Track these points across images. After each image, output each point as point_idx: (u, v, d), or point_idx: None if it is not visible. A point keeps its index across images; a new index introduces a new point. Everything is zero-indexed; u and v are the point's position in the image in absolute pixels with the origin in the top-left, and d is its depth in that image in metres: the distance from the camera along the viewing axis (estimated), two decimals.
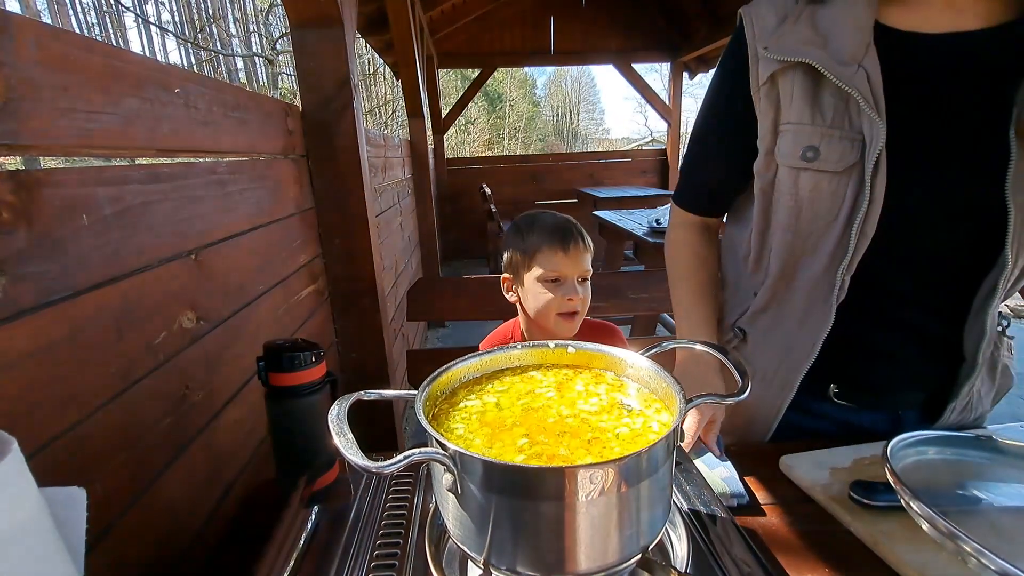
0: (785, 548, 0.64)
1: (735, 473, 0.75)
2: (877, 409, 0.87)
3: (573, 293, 0.97)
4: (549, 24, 6.25)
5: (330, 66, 1.42)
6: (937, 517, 0.52)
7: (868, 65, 0.66)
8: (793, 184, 0.74)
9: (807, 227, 0.76)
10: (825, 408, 0.88)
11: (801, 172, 0.73)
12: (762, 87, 0.74)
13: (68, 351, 0.58)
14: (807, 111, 0.71)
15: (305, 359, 0.72)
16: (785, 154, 0.74)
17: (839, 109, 0.70)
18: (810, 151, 0.71)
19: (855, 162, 0.69)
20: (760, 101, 0.75)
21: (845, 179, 0.71)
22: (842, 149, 0.70)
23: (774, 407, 0.87)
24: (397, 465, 0.37)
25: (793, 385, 0.84)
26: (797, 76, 0.71)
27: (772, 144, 0.76)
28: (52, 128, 0.60)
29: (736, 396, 0.46)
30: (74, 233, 0.61)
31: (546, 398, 0.51)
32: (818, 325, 0.79)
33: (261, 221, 1.14)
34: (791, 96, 0.72)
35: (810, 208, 0.75)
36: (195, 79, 0.91)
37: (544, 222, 1.01)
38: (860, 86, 0.65)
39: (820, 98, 0.71)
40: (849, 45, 0.67)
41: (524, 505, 0.38)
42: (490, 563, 0.41)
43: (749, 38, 0.75)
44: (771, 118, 0.75)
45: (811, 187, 0.73)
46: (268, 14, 9.41)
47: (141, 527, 0.68)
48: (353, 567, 0.51)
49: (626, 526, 0.40)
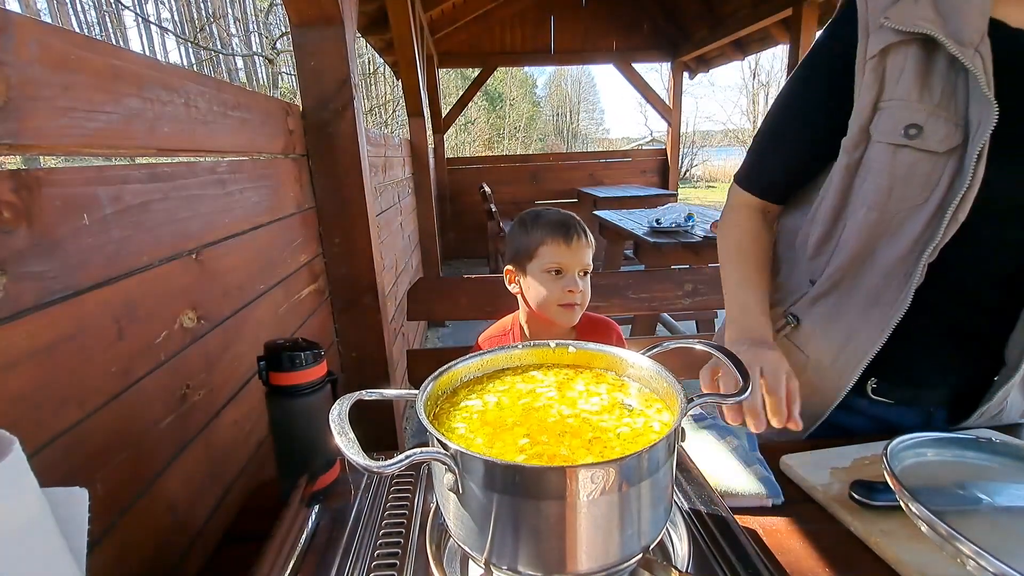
0: (785, 548, 0.64)
1: (771, 473, 0.74)
2: (911, 405, 0.87)
3: (574, 285, 1.00)
4: (549, 23, 6.24)
5: (330, 65, 1.42)
6: (935, 519, 0.52)
7: (983, 52, 0.66)
8: (889, 161, 0.73)
9: (895, 206, 0.75)
10: (861, 404, 0.87)
11: (900, 149, 0.72)
12: (869, 61, 0.72)
13: (69, 351, 0.58)
14: (915, 88, 0.70)
15: (305, 358, 0.72)
16: (884, 130, 0.73)
17: (947, 91, 0.69)
18: (913, 128, 0.70)
19: (957, 144, 0.69)
20: (864, 75, 0.73)
21: (943, 161, 0.70)
22: (947, 130, 0.69)
23: (829, 397, 0.86)
24: (398, 465, 0.37)
25: (853, 373, 0.83)
26: (911, 52, 0.70)
27: (869, 120, 0.74)
28: (52, 127, 0.60)
29: (738, 396, 0.46)
30: (75, 232, 0.61)
31: (547, 398, 0.51)
32: (891, 310, 0.78)
33: (261, 221, 1.14)
34: (900, 72, 0.71)
35: (903, 187, 0.73)
36: (195, 78, 0.91)
37: (548, 217, 1.05)
38: (976, 65, 0.65)
39: (930, 77, 0.70)
40: (967, 30, 0.66)
41: (525, 504, 0.38)
42: (491, 562, 0.41)
43: (861, 11, 0.74)
44: (873, 94, 0.73)
45: (908, 165, 0.72)
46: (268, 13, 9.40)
47: (142, 526, 0.68)
48: (354, 567, 0.51)
49: (627, 526, 0.40)
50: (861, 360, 0.82)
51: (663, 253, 2.94)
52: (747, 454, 0.77)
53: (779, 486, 0.72)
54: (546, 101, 26.06)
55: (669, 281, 1.65)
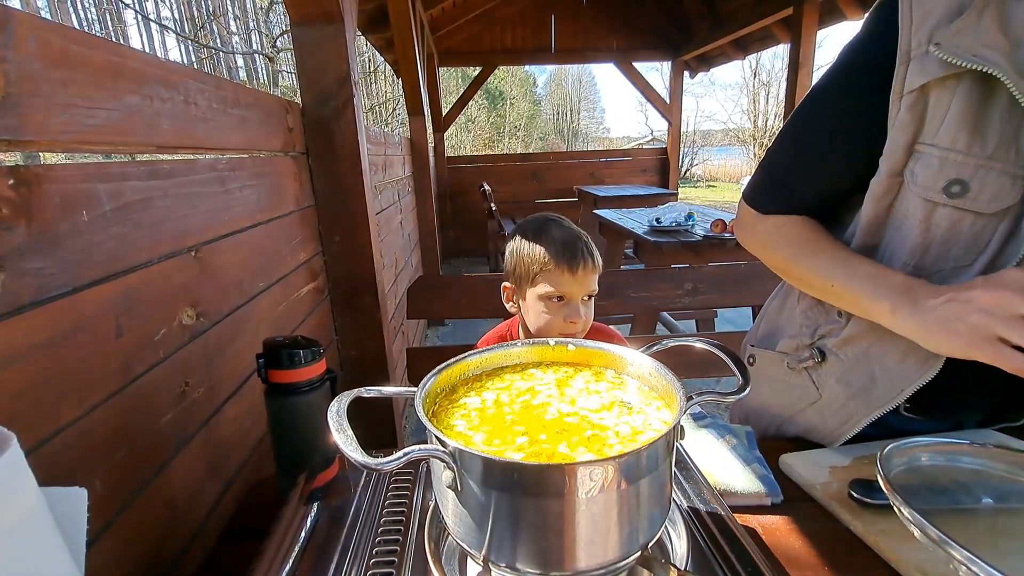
0: (785, 546, 0.64)
1: (770, 471, 0.74)
2: (942, 423, 0.80)
3: (576, 316, 0.91)
4: (550, 22, 6.24)
5: (330, 63, 1.42)
6: (925, 523, 0.52)
7: None
8: (925, 219, 0.62)
9: (933, 266, 0.64)
10: (891, 420, 0.78)
11: (939, 207, 0.61)
12: (907, 95, 0.60)
13: (68, 347, 0.58)
14: (963, 135, 0.58)
15: (304, 356, 0.72)
16: (922, 183, 0.61)
17: (1007, 135, 0.57)
18: (956, 185, 0.59)
19: (1013, 203, 0.57)
20: (900, 112, 0.61)
21: (994, 222, 0.59)
22: (999, 187, 0.57)
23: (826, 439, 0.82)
24: (397, 462, 0.37)
25: (856, 427, 0.76)
26: (962, 88, 0.57)
27: (902, 165, 0.63)
28: (52, 124, 0.60)
29: (736, 394, 0.46)
30: (74, 229, 0.61)
31: (546, 395, 0.51)
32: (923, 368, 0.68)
33: (261, 218, 1.14)
34: (945, 113, 0.58)
35: (941, 247, 0.63)
36: (195, 75, 0.91)
37: (551, 235, 0.93)
38: None
39: (986, 120, 0.57)
40: None
41: (524, 502, 0.38)
42: (490, 560, 0.41)
43: (904, 25, 0.60)
44: (909, 135, 0.61)
45: (948, 225, 0.61)
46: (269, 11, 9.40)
47: (141, 523, 0.68)
48: (352, 564, 0.51)
49: (626, 523, 0.40)
50: (869, 415, 0.75)
51: (663, 252, 2.94)
52: (746, 452, 0.77)
53: (778, 485, 0.72)
54: (546, 100, 26.06)
55: (669, 280, 1.65)
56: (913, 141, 0.62)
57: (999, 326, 0.51)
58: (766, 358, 0.90)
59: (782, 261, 0.79)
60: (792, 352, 0.85)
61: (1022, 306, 0.50)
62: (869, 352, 0.75)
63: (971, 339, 0.54)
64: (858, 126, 0.67)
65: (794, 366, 0.84)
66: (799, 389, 0.84)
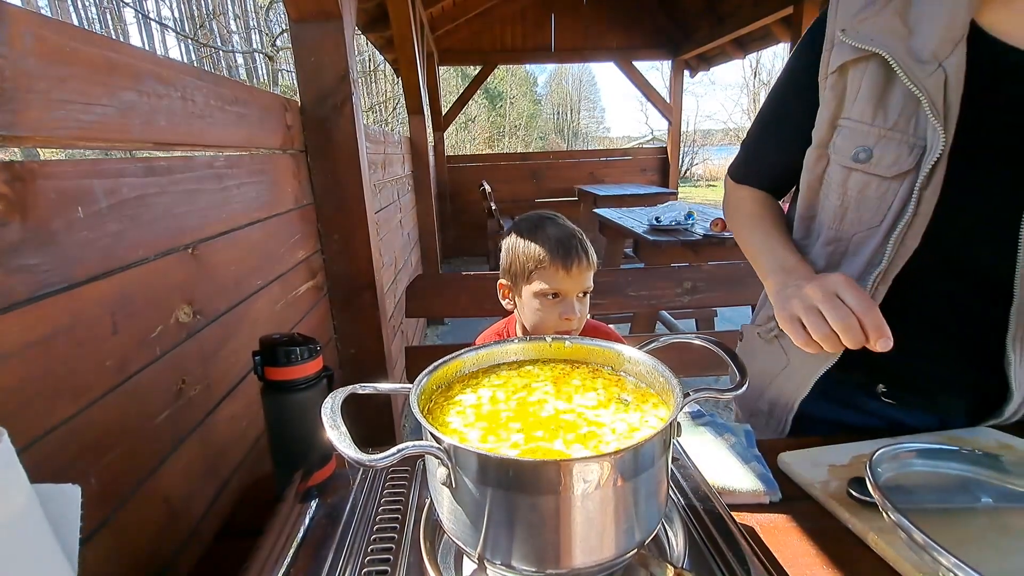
0: (783, 544, 0.64)
1: (768, 470, 0.74)
2: (925, 411, 0.84)
3: (571, 313, 0.92)
4: (550, 21, 6.23)
5: (329, 61, 1.42)
6: (912, 527, 0.51)
7: (950, 65, 0.61)
8: (842, 184, 0.72)
9: (850, 229, 0.74)
10: (873, 406, 0.86)
11: (852, 172, 0.71)
12: (830, 76, 0.71)
13: (63, 344, 0.58)
14: (870, 109, 0.68)
15: (301, 353, 0.72)
16: (840, 151, 0.72)
17: (907, 110, 0.65)
18: (863, 152, 0.69)
19: (909, 169, 0.66)
20: (825, 91, 0.72)
21: (896, 185, 0.68)
22: (897, 153, 0.66)
23: (794, 393, 0.88)
24: (390, 458, 0.37)
25: (808, 383, 0.84)
26: (869, 69, 0.67)
27: (828, 138, 0.74)
28: (48, 120, 0.59)
29: (734, 391, 0.46)
30: (69, 225, 0.61)
31: (543, 392, 0.50)
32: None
33: (259, 216, 1.13)
34: (857, 91, 0.68)
35: (855, 211, 0.72)
36: (192, 72, 0.91)
37: (546, 233, 0.94)
38: (932, 89, 0.61)
39: (888, 96, 0.66)
40: (936, 40, 0.62)
41: (519, 499, 0.38)
42: (485, 557, 0.41)
43: (831, 19, 0.71)
44: (831, 111, 0.72)
45: (859, 189, 0.71)
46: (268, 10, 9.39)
47: (137, 521, 0.68)
48: (348, 561, 0.51)
49: (622, 520, 0.39)
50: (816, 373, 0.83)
51: (663, 251, 2.93)
52: (745, 451, 0.77)
53: (777, 483, 0.72)
54: (546, 99, 26.04)
55: (668, 279, 1.65)
56: (835, 117, 0.72)
57: (801, 310, 0.62)
58: (749, 333, 1.01)
59: (737, 230, 0.91)
60: (764, 323, 0.94)
61: (818, 300, 0.61)
62: None
63: (785, 316, 0.65)
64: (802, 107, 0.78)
65: (765, 336, 0.94)
66: (772, 356, 0.92)
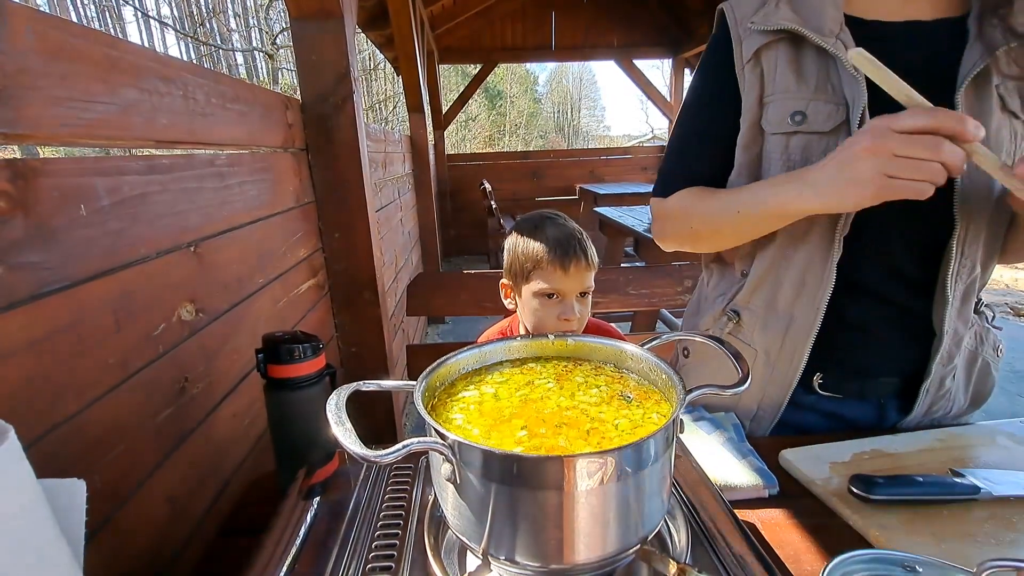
0: (784, 541, 0.64)
1: (764, 463, 0.74)
2: (861, 398, 0.88)
3: (571, 313, 0.92)
4: (550, 19, 6.22)
5: (330, 59, 1.42)
6: None
7: (844, 39, 0.73)
8: (784, 149, 0.78)
9: None
10: (810, 400, 0.88)
11: (791, 136, 0.77)
12: (747, 64, 0.79)
13: (65, 342, 0.58)
14: (792, 79, 0.76)
15: (303, 351, 0.72)
16: (773, 122, 0.78)
17: (821, 76, 0.75)
18: (797, 115, 0.76)
19: (842, 121, 0.74)
20: (745, 79, 0.79)
21: (835, 138, 0.74)
22: (828, 110, 0.75)
23: (784, 386, 0.87)
24: (396, 454, 0.37)
25: (801, 358, 0.84)
26: (781, 49, 0.77)
27: (758, 116, 0.80)
28: (49, 117, 0.59)
29: (737, 387, 0.46)
30: (71, 223, 0.61)
31: (545, 389, 0.50)
32: (819, 289, 0.80)
33: (261, 214, 1.13)
34: (775, 68, 0.77)
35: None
36: (193, 70, 0.91)
37: (546, 233, 0.94)
38: (840, 51, 0.72)
39: (803, 67, 0.76)
40: (827, 23, 0.74)
41: (522, 495, 0.38)
42: (489, 553, 0.41)
43: (732, 24, 0.81)
44: (756, 93, 0.79)
45: (802, 148, 0.77)
46: (268, 8, 9.37)
47: (140, 518, 0.68)
48: (351, 559, 0.51)
49: (625, 516, 0.39)
50: (805, 343, 0.83)
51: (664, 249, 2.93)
52: (739, 446, 0.77)
53: (775, 477, 0.72)
54: (547, 98, 26.01)
55: (668, 277, 1.65)
56: (761, 96, 0.79)
57: (886, 165, 0.61)
58: (695, 345, 0.98)
59: (693, 223, 0.88)
60: (713, 325, 0.93)
61: (896, 146, 0.59)
62: (771, 292, 0.85)
63: (867, 183, 0.63)
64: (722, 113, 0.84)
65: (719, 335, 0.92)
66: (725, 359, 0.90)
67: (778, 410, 0.89)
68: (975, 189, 0.75)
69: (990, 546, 0.60)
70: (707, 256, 0.99)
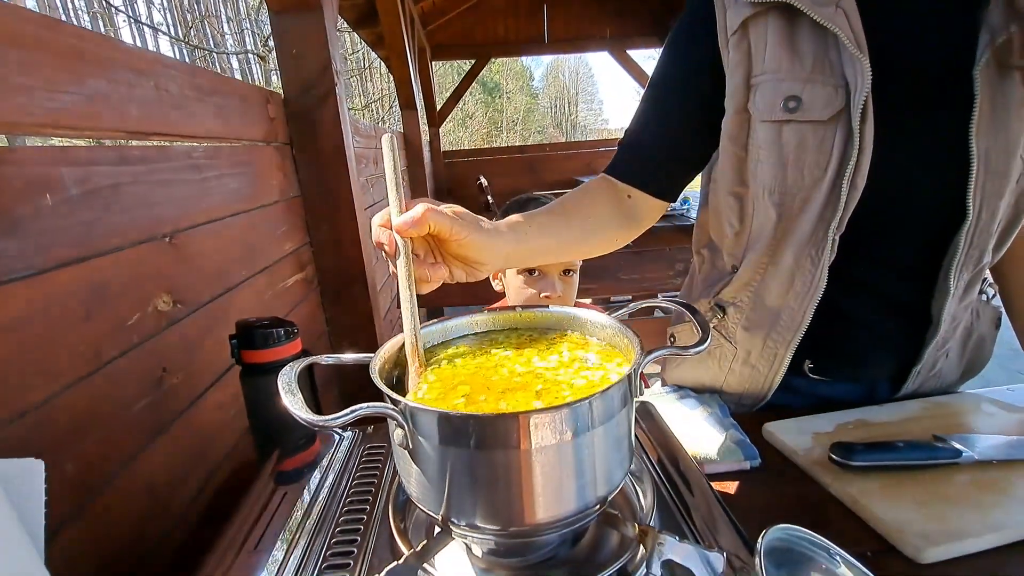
0: (763, 508, 0.63)
1: (746, 436, 0.74)
2: (852, 382, 0.86)
3: (551, 289, 0.92)
4: (543, 12, 6.19)
5: (311, 52, 1.41)
6: None
7: (846, 5, 0.63)
8: (775, 140, 0.69)
9: (794, 185, 0.71)
10: (799, 383, 0.86)
11: (784, 126, 0.68)
12: (732, 38, 0.69)
13: (33, 330, 0.58)
14: (785, 58, 0.66)
15: (278, 336, 0.72)
16: (763, 108, 0.69)
17: (819, 54, 0.65)
18: (792, 100, 0.66)
19: (841, 108, 0.65)
20: (729, 55, 0.70)
21: (832, 128, 0.66)
22: (826, 96, 0.65)
23: (764, 386, 0.85)
24: (343, 418, 0.36)
25: (784, 360, 0.81)
26: (771, 20, 0.66)
27: (744, 100, 0.71)
28: (8, 106, 0.59)
29: (696, 347, 0.45)
30: (36, 212, 0.61)
31: (501, 357, 0.50)
32: (807, 292, 0.75)
33: (242, 207, 1.13)
34: (764, 44, 0.67)
35: (796, 164, 0.69)
36: (165, 62, 0.90)
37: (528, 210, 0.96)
38: (840, 24, 0.62)
39: (797, 43, 0.66)
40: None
41: (475, 456, 0.38)
42: (449, 520, 0.41)
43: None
44: (743, 72, 0.70)
45: (797, 141, 0.68)
46: (260, 11, 9.36)
47: (118, 507, 0.68)
48: (316, 537, 0.51)
49: (581, 474, 0.39)
50: (787, 347, 0.80)
51: (658, 236, 2.90)
52: (722, 420, 0.77)
53: (756, 449, 0.71)
54: (543, 93, 25.93)
55: (660, 261, 1.64)
56: (748, 76, 0.70)
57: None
58: (682, 332, 0.97)
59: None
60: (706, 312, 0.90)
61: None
62: (758, 290, 0.81)
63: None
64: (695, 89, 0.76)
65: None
66: (717, 349, 0.88)
67: (761, 401, 0.88)
68: (993, 177, 0.67)
69: (971, 509, 0.59)
70: (698, 241, 0.96)
